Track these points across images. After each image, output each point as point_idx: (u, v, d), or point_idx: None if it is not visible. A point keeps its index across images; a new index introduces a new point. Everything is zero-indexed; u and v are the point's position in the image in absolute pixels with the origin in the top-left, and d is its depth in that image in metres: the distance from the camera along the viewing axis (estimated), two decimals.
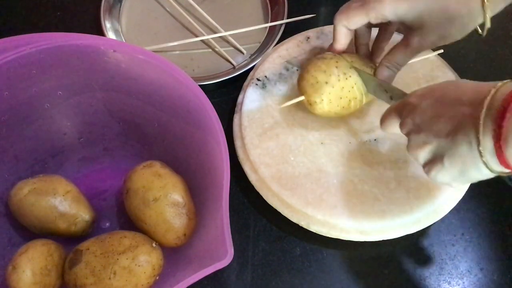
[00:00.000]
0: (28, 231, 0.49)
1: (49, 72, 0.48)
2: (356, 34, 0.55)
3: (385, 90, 0.50)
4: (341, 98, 0.51)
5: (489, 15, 0.44)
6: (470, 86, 0.38)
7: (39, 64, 0.47)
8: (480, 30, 0.47)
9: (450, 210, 0.52)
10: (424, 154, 0.41)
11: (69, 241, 0.49)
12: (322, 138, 0.56)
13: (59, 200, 0.48)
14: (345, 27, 0.51)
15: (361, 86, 0.52)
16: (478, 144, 0.34)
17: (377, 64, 0.53)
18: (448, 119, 0.37)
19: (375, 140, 0.55)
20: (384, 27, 0.54)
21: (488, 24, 0.45)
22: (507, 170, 0.35)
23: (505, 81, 0.35)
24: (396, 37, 0.53)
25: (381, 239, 0.50)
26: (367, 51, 0.56)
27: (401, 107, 0.43)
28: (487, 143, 0.34)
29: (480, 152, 0.35)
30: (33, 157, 0.53)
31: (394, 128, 0.45)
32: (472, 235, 0.53)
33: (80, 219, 0.49)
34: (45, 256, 0.45)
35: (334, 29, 0.52)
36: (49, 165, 0.54)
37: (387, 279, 0.51)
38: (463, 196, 0.52)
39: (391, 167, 0.53)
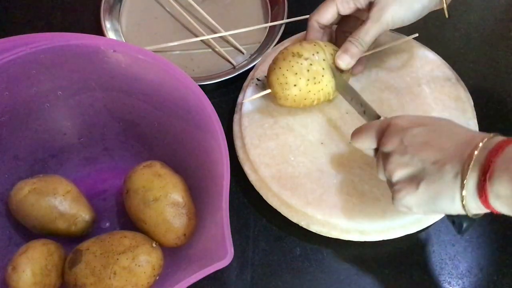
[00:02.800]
0: (28, 231, 0.49)
1: (49, 72, 0.48)
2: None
3: (360, 104, 0.51)
4: (305, 99, 0.53)
5: None
6: (465, 129, 0.42)
7: (39, 64, 0.47)
8: (446, 12, 0.50)
9: None
10: (401, 173, 0.41)
11: (69, 241, 0.49)
12: (322, 138, 0.56)
13: (59, 200, 0.48)
14: (316, 22, 0.56)
15: (328, 89, 0.53)
16: (464, 178, 0.37)
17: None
18: (439, 149, 0.39)
19: None
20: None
21: (445, 1, 0.50)
22: (477, 210, 0.38)
23: (495, 134, 0.38)
24: None
25: (381, 239, 0.50)
26: None
27: (385, 127, 0.44)
28: (473, 176, 0.36)
29: (462, 185, 0.37)
30: (33, 157, 0.53)
31: (367, 144, 0.46)
32: (472, 235, 0.53)
33: (80, 219, 0.49)
34: (45, 256, 0.45)
35: (307, 25, 0.57)
36: (49, 165, 0.54)
37: (387, 279, 0.51)
38: None
39: None
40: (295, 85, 0.52)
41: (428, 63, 0.60)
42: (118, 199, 0.54)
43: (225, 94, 0.62)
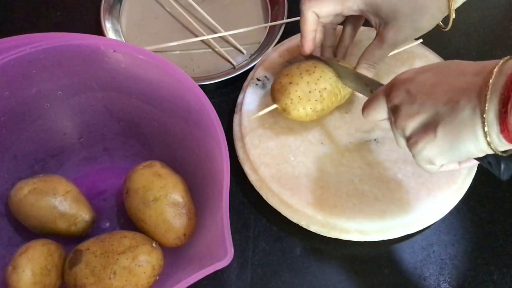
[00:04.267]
0: (28, 231, 0.49)
1: (49, 72, 0.48)
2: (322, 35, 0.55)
3: (365, 83, 0.49)
4: (309, 91, 0.50)
5: (453, 6, 0.46)
6: (473, 62, 0.37)
7: (39, 64, 0.47)
8: (442, 24, 0.49)
9: (450, 210, 0.52)
10: (414, 124, 0.38)
11: (69, 241, 0.49)
12: (322, 138, 0.56)
13: (59, 200, 0.48)
14: (315, 15, 0.49)
15: (330, 77, 0.51)
16: (483, 111, 0.32)
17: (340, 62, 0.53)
18: (450, 87, 0.35)
19: (375, 140, 0.55)
20: (352, 23, 0.54)
21: (452, 15, 0.47)
22: (504, 146, 0.34)
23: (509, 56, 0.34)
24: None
25: (381, 239, 0.50)
26: (332, 54, 0.56)
27: (390, 86, 0.40)
28: (492, 108, 0.32)
29: (482, 120, 0.32)
30: (33, 157, 0.53)
31: (380, 113, 0.42)
32: (472, 235, 0.53)
33: (80, 219, 0.49)
34: (45, 256, 0.45)
35: (302, 18, 0.50)
36: (49, 165, 0.54)
37: (387, 279, 0.51)
38: (463, 196, 0.52)
39: (391, 167, 0.53)
40: (290, 83, 0.51)
41: (428, 63, 0.60)
42: (118, 199, 0.54)
43: (225, 94, 0.62)
